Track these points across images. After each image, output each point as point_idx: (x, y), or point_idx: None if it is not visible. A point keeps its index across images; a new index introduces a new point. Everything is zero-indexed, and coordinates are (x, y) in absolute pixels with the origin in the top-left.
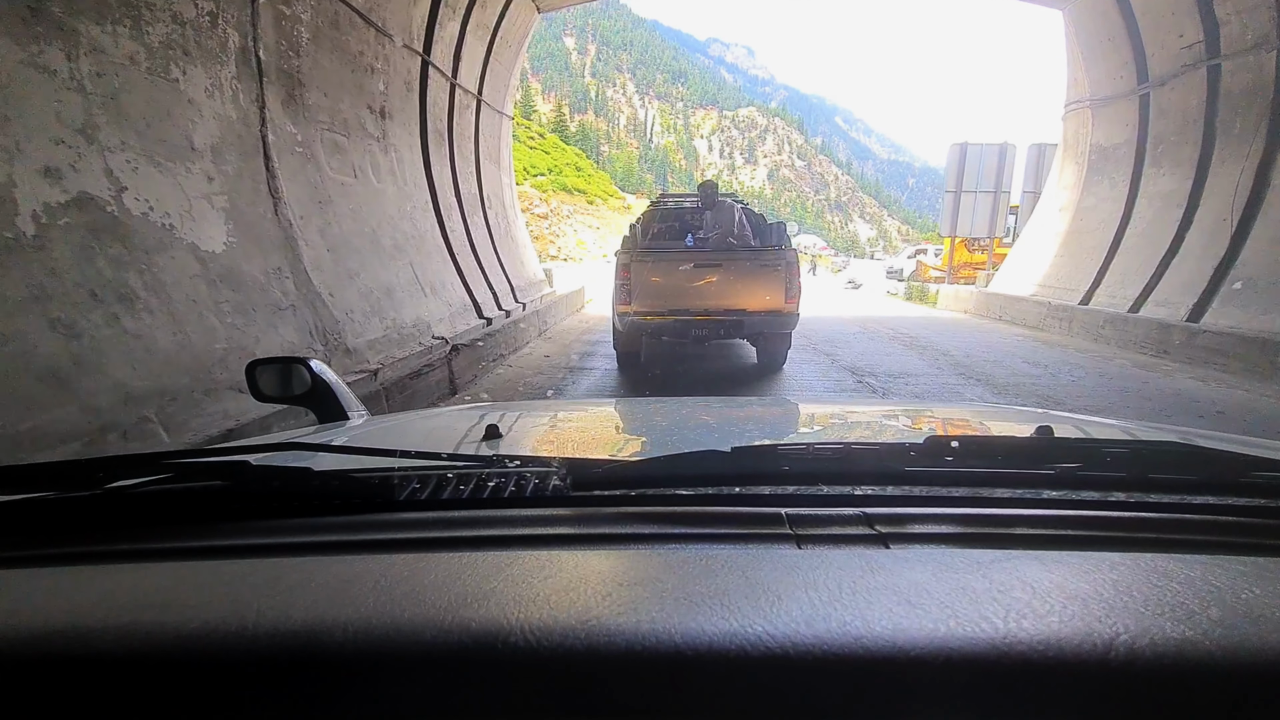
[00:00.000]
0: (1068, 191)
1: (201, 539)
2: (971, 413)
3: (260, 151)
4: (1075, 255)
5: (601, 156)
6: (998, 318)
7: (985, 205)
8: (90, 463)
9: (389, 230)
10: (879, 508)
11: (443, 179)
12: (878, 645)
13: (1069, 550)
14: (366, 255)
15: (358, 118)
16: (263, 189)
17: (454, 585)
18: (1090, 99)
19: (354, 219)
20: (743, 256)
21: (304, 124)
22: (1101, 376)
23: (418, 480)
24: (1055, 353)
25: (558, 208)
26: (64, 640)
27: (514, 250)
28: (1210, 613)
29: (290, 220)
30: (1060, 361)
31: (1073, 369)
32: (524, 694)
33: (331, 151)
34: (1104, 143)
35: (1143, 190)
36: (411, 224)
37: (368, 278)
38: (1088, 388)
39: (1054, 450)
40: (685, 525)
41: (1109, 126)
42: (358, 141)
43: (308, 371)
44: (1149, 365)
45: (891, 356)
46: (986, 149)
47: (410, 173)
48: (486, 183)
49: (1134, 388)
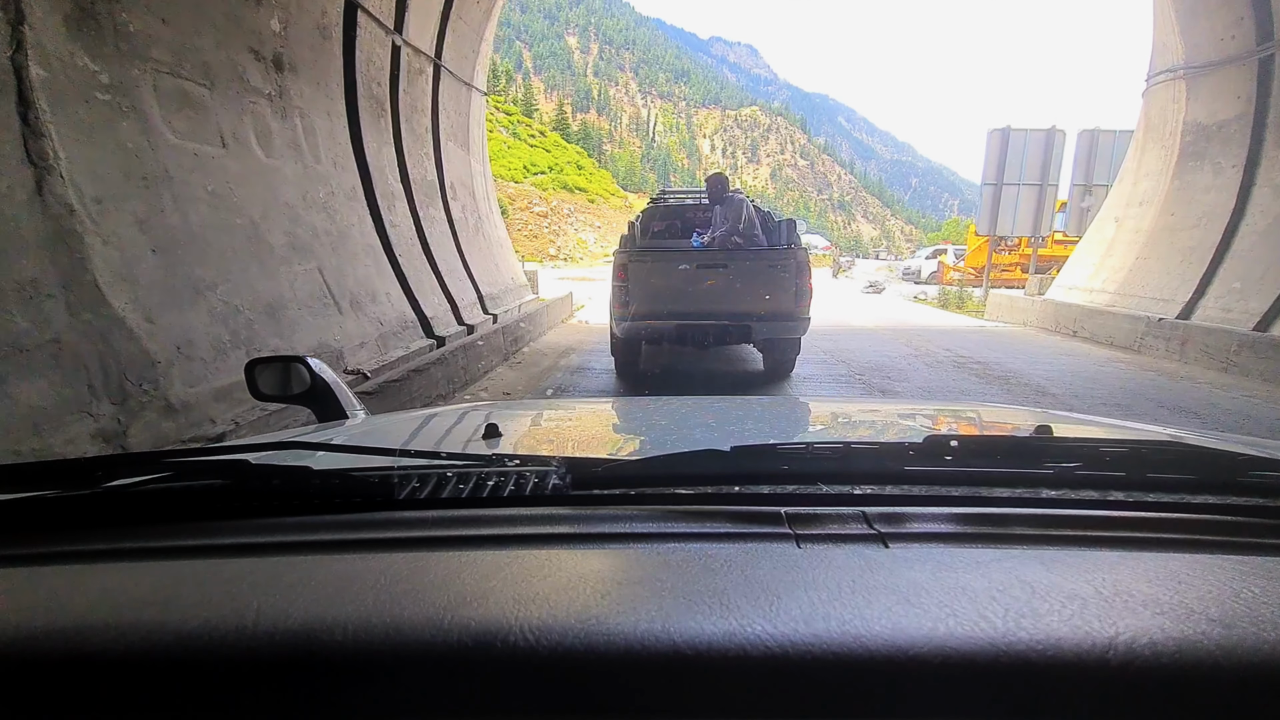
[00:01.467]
0: (1150, 181)
1: (201, 538)
2: (970, 412)
3: (13, 91)
4: (1164, 257)
5: (604, 156)
6: (1071, 333)
7: (1029, 200)
8: (89, 461)
9: (283, 223)
10: (878, 507)
11: (382, 160)
12: (877, 644)
13: (1068, 550)
14: (236, 258)
15: (232, 64)
16: (9, 152)
17: (453, 584)
18: (1185, 67)
19: (216, 205)
20: (749, 256)
21: (117, 59)
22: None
23: (417, 479)
24: (1199, 392)
25: (558, 206)
26: (64, 639)
27: (485, 250)
28: (1210, 612)
29: (71, 204)
30: (1238, 413)
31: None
32: (524, 693)
33: (176, 105)
34: (1204, 120)
35: (1262, 178)
36: (327, 216)
37: (233, 290)
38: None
39: (1053, 450)
40: (685, 524)
41: (1212, 100)
42: (230, 97)
43: (307, 370)
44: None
45: (971, 397)
46: (1031, 136)
47: (327, 148)
48: (450, 168)
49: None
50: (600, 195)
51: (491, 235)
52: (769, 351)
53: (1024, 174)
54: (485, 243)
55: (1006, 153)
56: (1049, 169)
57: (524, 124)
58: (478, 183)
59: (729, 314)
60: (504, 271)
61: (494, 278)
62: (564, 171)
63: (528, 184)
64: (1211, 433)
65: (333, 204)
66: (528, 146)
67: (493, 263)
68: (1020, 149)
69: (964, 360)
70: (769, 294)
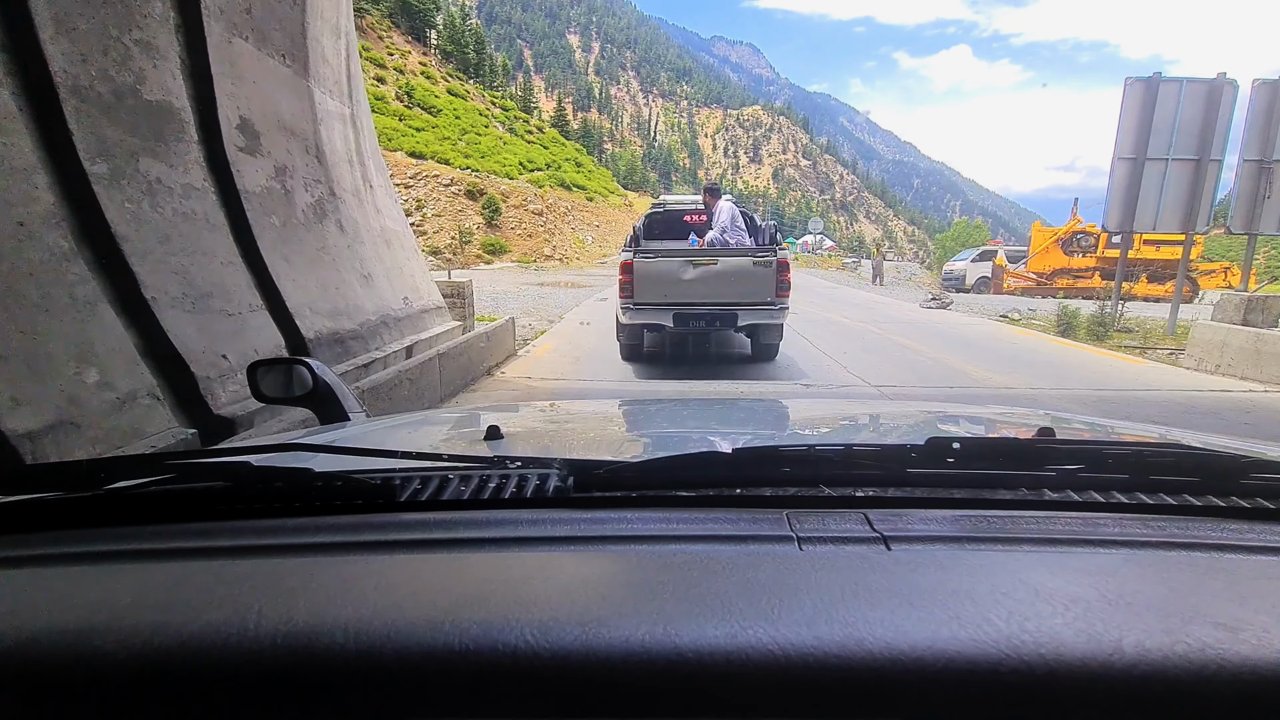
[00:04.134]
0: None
1: (203, 539)
2: (973, 414)
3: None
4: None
5: (605, 155)
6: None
7: (1180, 181)
8: (92, 463)
9: None
10: (880, 509)
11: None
12: (879, 647)
13: (1071, 552)
14: None
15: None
16: None
17: (455, 586)
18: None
19: None
20: (736, 255)
21: None
22: None
23: (419, 481)
24: None
25: (554, 204)
26: (68, 640)
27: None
28: (1215, 615)
29: None
30: None
31: None
32: (525, 694)
33: None
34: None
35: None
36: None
37: None
38: None
39: (1056, 452)
40: (686, 526)
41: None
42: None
43: (309, 372)
44: None
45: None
46: (1189, 88)
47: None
48: (247, 93)
49: None
50: (599, 193)
51: (359, 228)
52: (755, 337)
53: (1175, 145)
54: (345, 240)
55: (1154, 113)
56: (1212, 138)
57: (521, 119)
58: (335, 138)
59: (717, 303)
60: (386, 288)
61: (356, 300)
62: (562, 169)
63: (523, 180)
64: (1213, 435)
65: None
66: (524, 143)
67: (356, 274)
68: (1172, 107)
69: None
70: (752, 287)
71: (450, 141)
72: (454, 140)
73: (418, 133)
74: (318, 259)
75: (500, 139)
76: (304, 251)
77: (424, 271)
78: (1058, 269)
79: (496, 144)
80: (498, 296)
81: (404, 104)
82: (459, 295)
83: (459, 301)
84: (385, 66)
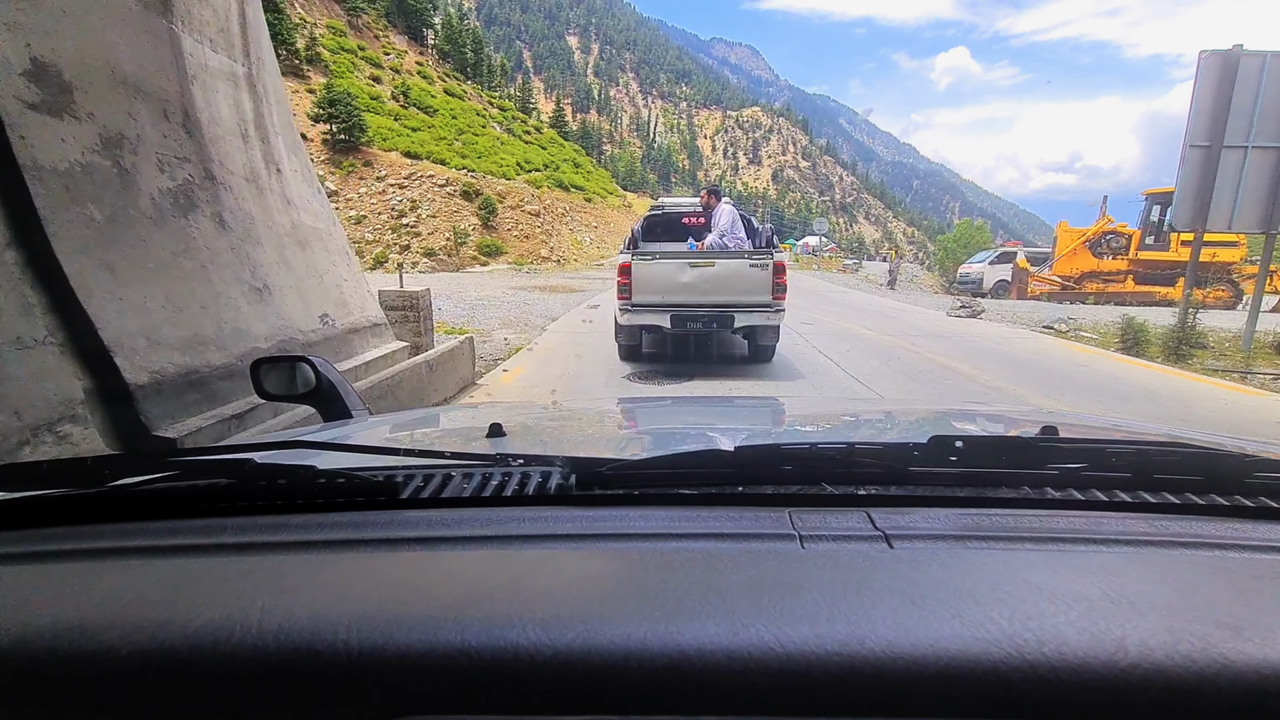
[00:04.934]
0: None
1: (206, 536)
2: (975, 412)
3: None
4: None
5: (604, 156)
6: None
7: (1261, 172)
8: (95, 460)
9: None
10: (882, 508)
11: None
12: (881, 645)
13: (1074, 551)
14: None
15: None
16: None
17: (457, 583)
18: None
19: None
20: (734, 257)
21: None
22: None
23: (421, 478)
24: None
25: (552, 204)
26: (71, 635)
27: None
28: (1218, 614)
29: None
30: None
31: None
32: (526, 691)
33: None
34: None
35: None
36: None
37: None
38: None
39: (1058, 451)
40: (688, 524)
41: None
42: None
43: (312, 370)
44: None
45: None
46: (1273, 63)
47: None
48: (57, 32)
49: None
50: (598, 194)
51: (259, 224)
52: (752, 338)
53: (1258, 129)
54: (227, 240)
55: (1234, 92)
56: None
57: (519, 120)
58: (215, 102)
59: (714, 305)
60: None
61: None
62: (560, 169)
63: (520, 180)
64: (1216, 434)
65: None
66: (522, 143)
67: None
68: (1254, 84)
69: None
70: (749, 289)
71: (447, 142)
72: (450, 140)
73: (414, 132)
74: (171, 266)
75: (498, 139)
76: (149, 256)
77: (357, 279)
78: (1086, 272)
79: (494, 144)
80: (479, 304)
81: (400, 104)
82: (411, 308)
83: (412, 315)
84: (381, 66)
